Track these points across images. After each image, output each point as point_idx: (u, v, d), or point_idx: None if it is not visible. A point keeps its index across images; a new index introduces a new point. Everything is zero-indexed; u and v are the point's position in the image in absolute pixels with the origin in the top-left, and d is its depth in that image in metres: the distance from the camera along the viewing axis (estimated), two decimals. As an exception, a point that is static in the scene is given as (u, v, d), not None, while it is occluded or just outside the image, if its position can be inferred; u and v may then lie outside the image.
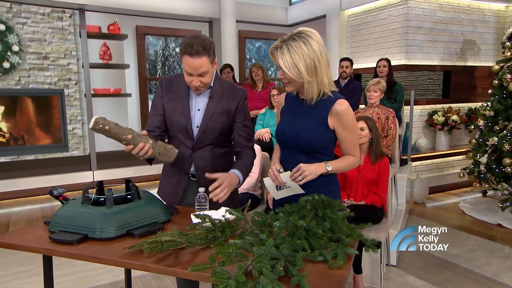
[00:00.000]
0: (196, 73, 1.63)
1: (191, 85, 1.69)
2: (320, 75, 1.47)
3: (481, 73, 5.59)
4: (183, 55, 1.62)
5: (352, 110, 1.57)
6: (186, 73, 1.66)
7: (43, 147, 5.46)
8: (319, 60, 1.45)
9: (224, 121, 1.80)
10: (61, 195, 1.57)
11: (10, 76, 5.15)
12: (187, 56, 1.61)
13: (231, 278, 1.00)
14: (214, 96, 1.77)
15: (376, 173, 2.72)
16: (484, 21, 5.51)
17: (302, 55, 1.42)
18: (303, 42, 1.43)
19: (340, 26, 5.79)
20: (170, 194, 1.89)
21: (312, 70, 1.45)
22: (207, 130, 1.77)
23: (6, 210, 4.58)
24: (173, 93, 1.80)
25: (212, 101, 1.77)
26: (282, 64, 1.45)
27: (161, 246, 1.18)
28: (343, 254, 1.15)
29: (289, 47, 1.43)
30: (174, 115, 1.79)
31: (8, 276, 2.95)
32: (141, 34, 6.45)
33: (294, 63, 1.43)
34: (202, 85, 1.69)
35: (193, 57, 1.60)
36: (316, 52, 1.44)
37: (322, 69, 1.46)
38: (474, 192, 4.90)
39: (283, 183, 1.52)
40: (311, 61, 1.43)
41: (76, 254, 1.27)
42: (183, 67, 1.65)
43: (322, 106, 1.53)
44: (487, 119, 4.28)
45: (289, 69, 1.44)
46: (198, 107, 1.78)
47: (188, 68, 1.63)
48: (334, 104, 1.52)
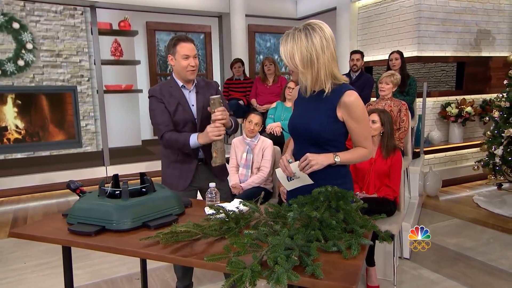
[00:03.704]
0: (192, 54, 2.03)
1: (189, 67, 2.03)
2: (316, 68, 1.47)
3: (496, 64, 5.48)
4: (178, 43, 2.01)
5: (362, 102, 1.56)
6: (184, 57, 2.02)
7: (58, 143, 5.57)
8: (317, 54, 1.45)
9: None
10: (78, 188, 1.60)
11: (25, 73, 5.26)
12: (183, 43, 2.02)
13: (247, 268, 1.01)
14: (199, 91, 2.16)
15: (388, 166, 2.70)
16: (499, 10, 5.39)
17: (300, 46, 1.45)
18: (305, 34, 1.45)
19: (351, 18, 5.73)
20: (178, 180, 2.17)
21: (308, 62, 1.46)
22: (204, 118, 2.12)
23: (24, 205, 4.69)
24: (170, 97, 2.11)
25: (199, 95, 2.15)
26: (281, 52, 1.51)
27: (176, 237, 1.20)
28: (357, 245, 1.15)
29: (292, 37, 1.47)
30: (179, 114, 2.11)
31: (27, 268, 3.03)
32: (151, 30, 6.49)
33: (291, 52, 1.47)
34: (196, 67, 2.06)
35: (188, 42, 2.03)
36: (316, 46, 1.44)
37: (320, 63, 1.46)
38: (489, 185, 4.83)
39: (292, 173, 1.53)
40: (308, 53, 1.45)
41: (94, 245, 1.30)
42: (181, 52, 2.01)
43: (331, 98, 1.53)
44: (502, 110, 4.20)
45: (286, 57, 1.49)
46: (192, 103, 2.14)
47: (187, 51, 2.01)
48: (343, 96, 1.51)
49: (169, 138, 2.05)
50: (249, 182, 3.04)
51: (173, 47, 2.04)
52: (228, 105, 2.19)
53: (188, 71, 2.05)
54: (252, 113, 3.14)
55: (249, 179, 3.06)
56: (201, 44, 7.71)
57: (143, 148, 6.50)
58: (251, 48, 7.03)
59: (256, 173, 3.08)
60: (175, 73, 2.14)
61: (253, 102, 4.89)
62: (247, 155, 3.10)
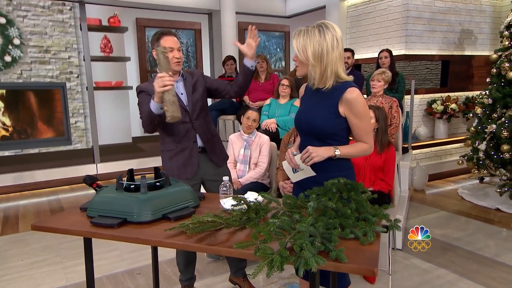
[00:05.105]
0: (176, 46, 2.11)
1: (174, 59, 2.09)
2: (325, 63, 1.55)
3: (478, 62, 5.71)
4: (162, 37, 2.09)
5: (364, 98, 1.64)
6: (169, 49, 2.05)
7: (46, 141, 5.49)
8: (328, 50, 1.54)
9: (201, 91, 2.27)
10: (95, 182, 1.63)
11: (12, 69, 5.15)
12: (166, 36, 2.09)
13: (275, 253, 1.08)
14: (186, 78, 2.24)
15: (383, 161, 2.81)
16: (481, 10, 5.61)
17: (313, 40, 1.54)
18: (318, 30, 1.55)
19: (340, 17, 5.85)
20: (184, 169, 2.21)
21: (318, 56, 1.54)
22: (195, 103, 2.22)
23: (13, 203, 4.62)
24: None
25: (186, 83, 2.23)
26: (295, 45, 1.59)
27: (203, 226, 1.26)
28: (372, 232, 1.24)
29: (306, 32, 1.56)
30: None
31: (25, 265, 3.01)
32: (141, 27, 6.45)
33: (304, 45, 1.55)
34: (181, 59, 2.15)
35: (171, 35, 2.12)
36: (327, 42, 1.53)
37: (329, 59, 1.54)
38: (472, 179, 5.04)
39: (297, 165, 1.61)
40: (320, 47, 1.53)
41: (118, 236, 1.34)
42: (165, 45, 2.05)
43: (334, 94, 1.61)
44: (485, 107, 4.39)
45: (299, 50, 1.57)
46: (181, 92, 2.21)
47: (170, 43, 2.08)
48: (345, 92, 1.58)
49: (141, 117, 2.08)
50: (247, 178, 3.10)
51: (156, 41, 2.10)
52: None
53: (173, 63, 2.10)
54: (250, 109, 3.20)
55: (247, 174, 3.12)
56: (191, 41, 7.70)
57: (133, 145, 6.47)
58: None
59: (253, 169, 3.14)
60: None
61: (246, 99, 4.95)
62: (244, 151, 3.16)
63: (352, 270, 1.08)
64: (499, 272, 2.79)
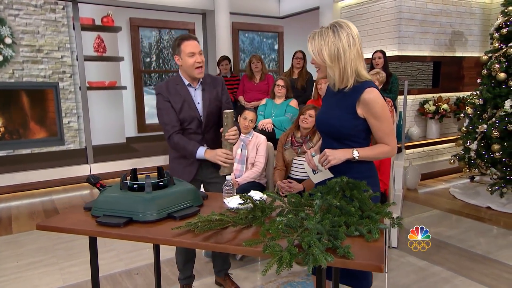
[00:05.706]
0: (198, 50, 2.08)
1: (196, 64, 2.07)
2: (343, 63, 1.54)
3: (468, 64, 5.81)
4: (183, 42, 2.06)
5: (383, 98, 1.61)
6: (190, 55, 2.06)
7: (39, 141, 5.43)
8: (344, 49, 1.52)
9: (218, 105, 2.25)
10: (98, 182, 1.63)
11: (4, 69, 5.08)
12: (186, 41, 2.07)
13: (283, 251, 1.10)
14: (205, 88, 2.21)
15: (379, 160, 2.85)
16: (471, 12, 5.71)
17: (328, 41, 1.53)
18: (332, 31, 1.54)
19: (334, 18, 5.88)
20: (182, 173, 2.20)
21: (335, 56, 1.53)
22: (209, 115, 2.21)
23: (6, 204, 4.56)
24: (176, 95, 2.16)
25: (205, 92, 2.20)
26: (310, 48, 1.58)
27: (211, 224, 1.27)
28: (377, 229, 1.27)
29: (320, 34, 1.55)
30: (185, 111, 2.17)
31: (21, 267, 2.99)
32: (135, 27, 6.42)
33: (319, 48, 1.54)
34: (203, 62, 2.11)
35: (191, 40, 2.09)
36: (342, 41, 1.52)
37: (347, 58, 1.53)
38: (463, 178, 5.14)
39: (316, 167, 1.61)
40: (335, 48, 1.52)
41: (125, 235, 1.35)
42: (186, 51, 2.06)
43: (352, 95, 1.59)
44: (476, 108, 4.48)
45: (315, 53, 1.56)
46: (197, 101, 2.20)
47: (192, 48, 2.06)
48: (363, 93, 1.56)
49: (177, 142, 2.11)
50: (244, 177, 3.12)
51: (177, 47, 2.09)
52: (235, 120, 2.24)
53: (196, 68, 2.09)
54: (246, 109, 3.22)
55: (244, 174, 3.14)
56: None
57: (127, 145, 6.43)
58: (235, 45, 7.08)
59: (250, 169, 3.16)
60: (182, 71, 2.19)
61: (241, 99, 4.97)
62: (241, 151, 3.17)
63: (359, 266, 1.11)
64: (492, 269, 2.85)
